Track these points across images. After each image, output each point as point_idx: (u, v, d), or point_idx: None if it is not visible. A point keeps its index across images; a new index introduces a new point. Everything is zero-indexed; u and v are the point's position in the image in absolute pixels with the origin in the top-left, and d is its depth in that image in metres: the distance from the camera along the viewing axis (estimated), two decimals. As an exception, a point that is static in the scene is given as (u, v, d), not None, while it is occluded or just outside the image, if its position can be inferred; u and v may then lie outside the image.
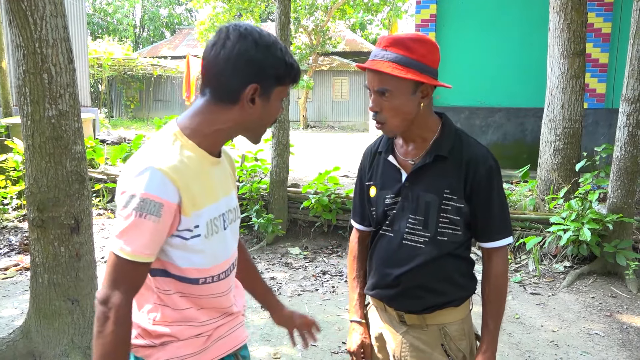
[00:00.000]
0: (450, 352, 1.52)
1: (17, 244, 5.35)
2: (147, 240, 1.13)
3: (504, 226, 1.52)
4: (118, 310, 1.13)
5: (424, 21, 9.60)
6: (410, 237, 1.50)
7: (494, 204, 1.49)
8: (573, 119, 5.99)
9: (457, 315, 1.54)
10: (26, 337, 2.96)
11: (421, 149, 1.52)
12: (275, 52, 1.19)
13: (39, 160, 2.79)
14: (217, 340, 1.34)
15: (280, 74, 1.21)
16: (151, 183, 1.12)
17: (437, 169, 1.48)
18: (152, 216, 1.11)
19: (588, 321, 3.79)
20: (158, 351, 1.26)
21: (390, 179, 1.54)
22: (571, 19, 5.88)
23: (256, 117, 1.24)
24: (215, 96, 1.21)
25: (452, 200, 1.47)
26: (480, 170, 1.47)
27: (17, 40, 2.67)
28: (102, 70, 20.35)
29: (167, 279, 1.24)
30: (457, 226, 1.49)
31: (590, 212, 4.66)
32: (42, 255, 2.90)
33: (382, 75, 1.40)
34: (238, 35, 1.18)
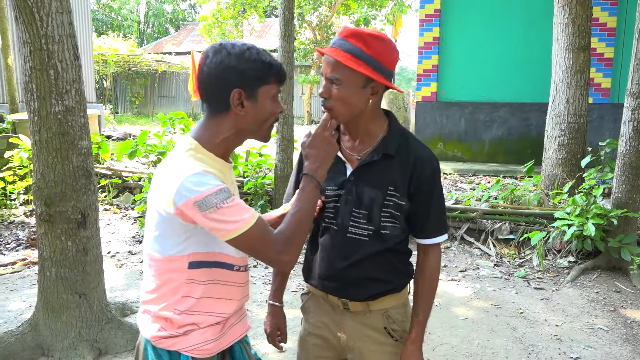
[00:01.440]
0: (394, 334, 1.59)
1: (24, 238, 5.40)
2: (244, 208, 1.28)
3: (441, 224, 1.58)
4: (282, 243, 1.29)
5: (428, 16, 9.58)
6: (354, 230, 1.53)
7: (434, 203, 1.55)
8: (578, 114, 5.97)
9: (398, 299, 1.61)
10: (34, 330, 3.00)
11: (368, 145, 1.55)
12: (249, 56, 1.31)
13: (46, 156, 2.83)
14: (230, 327, 1.45)
15: (260, 74, 1.33)
16: (207, 181, 1.25)
17: (383, 166, 1.51)
18: (228, 200, 1.25)
19: (592, 316, 3.79)
20: (181, 340, 1.36)
21: (333, 172, 1.52)
22: (576, 13, 5.86)
23: (250, 119, 1.36)
24: (211, 109, 1.36)
25: (394, 197, 1.51)
26: (425, 171, 1.51)
27: (24, 37, 2.70)
28: (107, 66, 20.42)
29: (205, 270, 1.35)
30: (397, 220, 1.53)
31: (594, 207, 4.66)
32: (50, 249, 2.93)
33: (336, 64, 1.43)
34: (214, 51, 1.32)
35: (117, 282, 4.32)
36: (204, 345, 1.38)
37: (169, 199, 1.27)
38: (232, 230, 1.25)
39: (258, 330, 3.41)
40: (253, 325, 3.49)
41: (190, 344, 1.37)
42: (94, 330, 3.03)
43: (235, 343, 1.48)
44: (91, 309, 3.04)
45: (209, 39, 21.52)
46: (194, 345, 1.37)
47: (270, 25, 27.22)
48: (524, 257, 5.02)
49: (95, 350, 3.02)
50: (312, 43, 20.94)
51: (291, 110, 5.55)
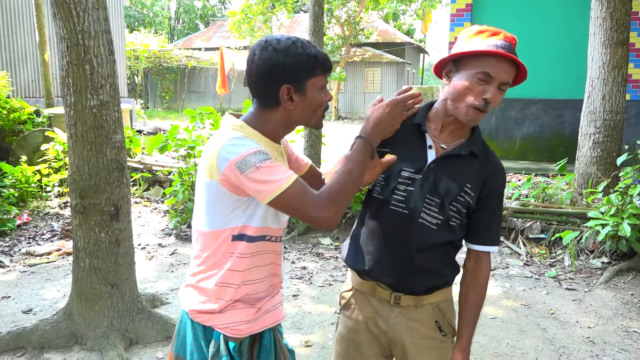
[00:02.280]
0: (444, 328, 1.59)
1: (59, 229, 5.55)
2: (284, 167, 1.31)
3: (498, 235, 1.61)
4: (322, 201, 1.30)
5: (459, 11, 9.43)
6: (425, 217, 1.50)
7: (497, 214, 1.58)
8: (614, 110, 5.80)
9: (448, 293, 1.62)
10: (68, 318, 3.09)
11: (454, 138, 1.54)
12: (295, 51, 1.34)
13: (81, 149, 2.89)
14: (265, 313, 1.48)
15: (306, 67, 1.35)
16: (245, 144, 1.30)
17: (466, 162, 1.52)
18: (267, 160, 1.28)
19: (626, 318, 3.69)
20: (216, 317, 1.41)
21: (414, 154, 1.52)
22: (614, 7, 5.68)
23: (300, 111, 1.40)
24: (261, 103, 1.40)
25: (467, 195, 1.51)
26: (499, 180, 1.55)
27: (61, 33, 2.76)
28: (138, 62, 20.79)
29: (244, 243, 1.39)
30: (461, 216, 1.53)
31: (630, 206, 4.52)
32: (84, 240, 3.01)
33: (512, 70, 1.43)
34: (260, 48, 1.35)
35: (147, 274, 4.41)
36: (237, 325, 1.41)
37: (213, 166, 1.32)
38: (272, 190, 1.26)
39: (284, 325, 3.44)
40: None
41: (224, 321, 1.40)
42: (125, 320, 3.10)
43: (266, 330, 1.49)
44: (123, 299, 3.10)
45: (238, 34, 21.69)
46: (228, 323, 1.40)
47: (299, 20, 27.24)
48: (555, 257, 4.91)
49: (127, 339, 3.08)
50: (341, 38, 20.87)
51: (319, 106, 5.54)
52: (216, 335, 1.41)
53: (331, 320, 3.54)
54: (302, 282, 4.26)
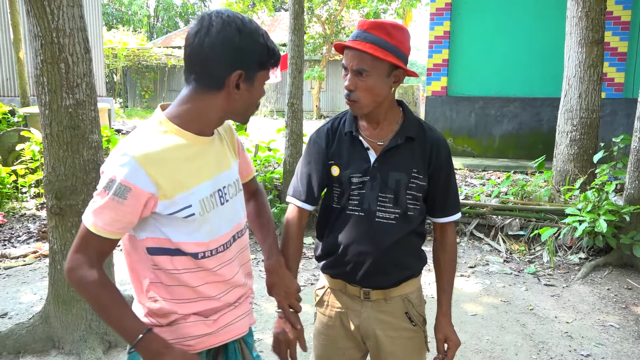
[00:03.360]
0: (414, 318, 1.65)
1: (35, 231, 5.44)
2: (111, 218, 1.20)
3: (457, 202, 1.68)
4: (79, 269, 1.21)
5: (439, 10, 9.50)
6: (381, 215, 1.57)
7: (452, 183, 1.65)
8: (590, 109, 5.90)
9: (416, 284, 1.69)
10: (45, 322, 3.03)
11: (388, 131, 1.60)
12: (258, 38, 1.24)
13: (57, 149, 2.84)
14: (223, 327, 1.38)
15: (264, 59, 1.26)
16: (124, 168, 1.17)
17: (406, 149, 1.58)
18: (117, 198, 1.18)
19: (603, 313, 3.76)
20: (165, 331, 1.30)
21: (356, 159, 1.58)
22: (589, 6, 5.78)
23: (242, 102, 1.29)
24: (201, 83, 1.25)
25: (417, 179, 1.58)
26: (442, 152, 1.61)
27: (35, 30, 2.70)
28: (116, 60, 20.49)
29: (165, 257, 1.27)
30: (418, 201, 1.60)
31: (606, 203, 4.61)
32: (60, 242, 2.95)
33: (363, 56, 1.46)
34: (222, 22, 1.20)
35: (127, 275, 4.33)
36: (187, 341, 1.32)
37: None
38: (84, 215, 1.23)
39: (267, 325, 3.42)
40: (261, 319, 3.50)
41: (174, 336, 1.31)
42: (104, 323, 3.05)
43: (231, 342, 1.42)
44: (101, 301, 3.05)
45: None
46: (178, 338, 1.31)
47: (280, 19, 27.17)
48: (534, 254, 4.98)
49: (105, 342, 3.04)
50: (322, 37, 20.87)
51: (301, 105, 5.53)
52: None
53: (312, 319, 3.50)
54: (284, 281, 4.24)
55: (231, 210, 1.38)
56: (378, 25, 1.47)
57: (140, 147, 1.20)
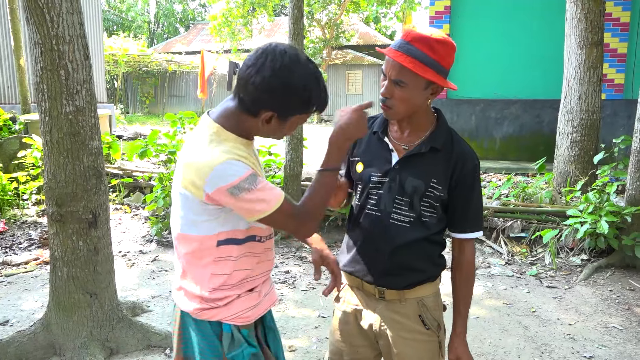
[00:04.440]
0: (427, 322, 1.65)
1: (36, 238, 5.45)
2: (272, 188, 1.37)
3: (478, 220, 1.65)
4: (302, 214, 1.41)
5: (438, 13, 9.52)
6: (396, 217, 1.60)
7: (474, 199, 1.63)
8: (590, 110, 5.90)
9: (432, 289, 1.68)
10: (46, 329, 3.02)
11: (416, 137, 1.62)
12: (306, 84, 1.35)
13: (57, 156, 2.84)
14: (265, 296, 1.55)
15: (302, 105, 1.38)
16: (234, 170, 1.32)
17: (429, 158, 1.59)
18: (256, 183, 1.33)
19: (605, 314, 3.75)
20: (222, 310, 1.45)
21: (379, 159, 1.63)
22: (588, 8, 5.78)
23: (270, 132, 1.44)
24: (241, 105, 1.38)
25: (435, 190, 1.58)
26: (467, 166, 1.59)
27: (35, 38, 2.71)
28: (117, 66, 20.55)
29: (232, 246, 1.42)
30: (435, 210, 1.61)
31: (608, 204, 4.60)
32: (61, 249, 2.95)
33: (402, 68, 1.47)
34: (271, 68, 1.31)
35: (128, 281, 4.34)
36: (246, 313, 1.47)
37: (197, 186, 1.34)
38: (262, 210, 1.34)
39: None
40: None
41: (231, 312, 1.45)
42: (105, 329, 3.05)
43: (267, 312, 1.59)
44: (102, 308, 3.05)
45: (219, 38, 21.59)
46: (236, 313, 1.45)
47: (280, 24, 27.23)
48: (536, 256, 4.97)
49: (107, 349, 3.03)
50: (322, 41, 20.92)
51: (300, 109, 5.52)
52: (226, 328, 1.44)
53: (315, 324, 3.53)
54: (286, 286, 4.24)
55: None
56: (423, 39, 1.48)
57: (224, 153, 1.34)
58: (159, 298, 3.98)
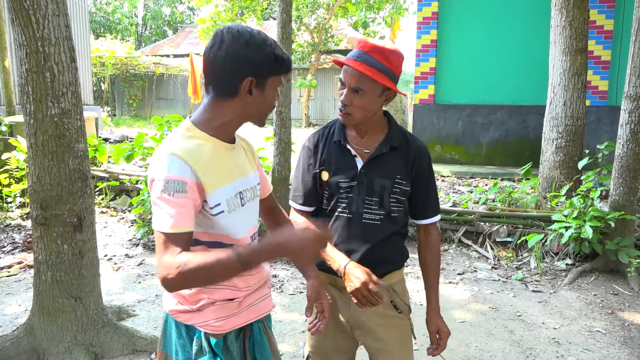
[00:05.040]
0: (399, 306, 1.79)
1: (20, 242, 5.37)
2: (181, 213, 1.28)
3: (437, 205, 1.84)
4: (175, 266, 1.21)
5: (425, 19, 9.59)
6: (368, 216, 1.73)
7: (432, 187, 1.81)
8: (575, 116, 5.98)
9: (399, 275, 1.84)
10: (30, 334, 2.98)
11: (374, 140, 1.76)
12: (265, 48, 1.36)
13: (42, 159, 2.81)
14: (248, 307, 1.50)
15: (272, 66, 1.38)
16: (170, 166, 1.29)
17: (391, 157, 1.73)
18: (178, 193, 1.28)
19: (590, 318, 3.79)
20: (195, 315, 1.43)
21: (344, 165, 1.74)
22: (573, 16, 5.87)
23: (255, 106, 1.41)
24: (218, 92, 1.39)
25: (401, 185, 1.73)
26: (424, 160, 1.77)
27: (20, 39, 2.68)
28: (104, 68, 20.39)
29: (201, 247, 1.39)
30: (402, 204, 1.76)
31: (592, 209, 4.66)
32: (45, 252, 2.91)
33: (361, 76, 1.61)
34: (231, 37, 1.34)
35: (114, 285, 4.30)
36: (217, 322, 1.43)
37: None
38: (155, 222, 1.29)
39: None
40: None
41: (203, 319, 1.43)
42: (90, 334, 3.01)
43: (255, 322, 1.54)
44: (87, 312, 3.02)
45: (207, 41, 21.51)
46: (206, 321, 1.42)
47: (269, 28, 27.23)
48: (522, 260, 5.01)
49: (91, 354, 3.00)
50: (310, 45, 20.95)
51: (289, 113, 5.53)
52: (197, 334, 1.44)
53: (302, 328, 3.52)
54: (273, 290, 4.23)
55: (249, 212, 1.51)
56: (377, 49, 1.62)
57: (176, 146, 1.32)
58: (145, 302, 3.94)
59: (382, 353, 1.77)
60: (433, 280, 1.83)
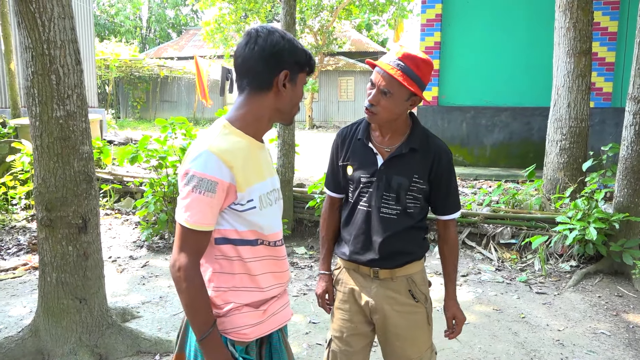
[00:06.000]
0: (416, 296, 1.91)
1: (25, 243, 5.40)
2: (205, 212, 1.35)
3: (457, 202, 1.95)
4: (186, 270, 1.34)
5: (429, 21, 9.59)
6: (385, 210, 1.85)
7: (452, 186, 1.91)
8: (579, 118, 5.97)
9: (419, 266, 1.95)
10: (35, 335, 3.00)
11: (396, 140, 1.87)
12: (297, 44, 1.45)
13: (47, 161, 2.83)
14: (271, 316, 1.52)
15: (303, 62, 1.45)
16: (207, 164, 1.33)
17: (409, 157, 1.84)
18: (208, 192, 1.33)
19: (594, 320, 3.78)
20: (222, 321, 1.44)
21: (366, 162, 1.88)
22: (577, 17, 5.86)
23: (288, 100, 1.47)
24: (253, 86, 1.44)
25: (418, 184, 1.84)
26: (443, 160, 1.86)
27: (26, 42, 2.70)
28: (109, 71, 20.46)
29: (230, 246, 1.43)
30: (418, 201, 1.87)
31: (596, 211, 4.65)
32: (51, 254, 2.93)
33: (392, 80, 1.72)
34: (267, 32, 1.41)
35: (118, 287, 4.31)
36: (243, 330, 1.44)
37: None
38: (180, 217, 1.36)
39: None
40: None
41: (229, 326, 1.44)
42: (94, 335, 3.03)
43: (275, 332, 1.55)
44: (92, 314, 3.03)
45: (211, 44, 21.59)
46: (234, 328, 1.44)
47: (272, 30, 27.25)
48: (526, 262, 5.00)
49: (96, 355, 3.01)
50: (314, 48, 20.98)
51: (292, 115, 5.54)
52: (223, 340, 1.42)
53: (305, 330, 3.52)
54: (277, 292, 4.23)
55: (280, 210, 1.57)
56: (410, 57, 1.73)
57: (215, 144, 1.37)
58: (149, 304, 3.96)
59: (397, 337, 1.90)
60: (451, 270, 1.97)
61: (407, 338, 1.90)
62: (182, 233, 1.36)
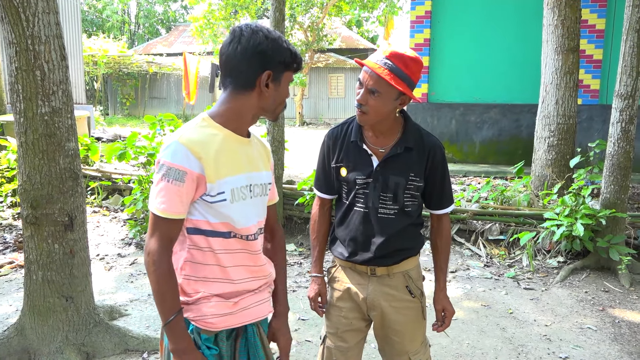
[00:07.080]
0: (413, 291, 1.92)
1: (11, 241, 5.34)
2: (174, 201, 1.37)
3: (451, 196, 1.96)
4: (154, 255, 1.37)
5: (419, 18, 9.60)
6: (383, 211, 1.85)
7: (446, 180, 1.91)
8: (567, 115, 6.01)
9: (415, 262, 1.96)
10: (20, 334, 2.96)
11: (389, 139, 1.85)
12: (282, 44, 1.43)
13: (32, 157, 2.79)
14: (243, 309, 1.51)
15: (287, 61, 1.45)
16: (175, 154, 1.36)
17: (405, 156, 1.83)
18: (176, 181, 1.36)
19: (581, 315, 3.81)
20: (191, 308, 1.45)
21: (361, 163, 1.85)
22: (565, 15, 5.90)
23: (271, 100, 1.47)
24: (236, 85, 1.44)
25: (414, 182, 1.84)
26: (437, 155, 1.86)
27: (10, 37, 2.66)
28: (97, 67, 20.29)
29: (201, 236, 1.44)
30: (415, 198, 1.88)
31: (583, 207, 4.69)
32: (36, 252, 2.90)
33: (379, 79, 1.69)
34: (250, 31, 1.41)
35: (106, 285, 4.28)
36: (209, 319, 1.45)
37: None
38: (150, 204, 1.40)
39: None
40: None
41: (198, 314, 1.45)
42: (81, 334, 3.00)
43: (249, 325, 1.55)
44: (78, 312, 3.00)
45: (201, 40, 21.47)
46: (201, 316, 1.44)
47: (262, 26, 27.15)
48: (514, 258, 5.04)
49: (83, 354, 2.98)
50: (304, 44, 20.93)
51: (282, 112, 5.52)
52: (190, 327, 1.45)
53: (294, 327, 3.52)
54: (266, 289, 4.22)
55: (257, 206, 1.55)
56: (399, 56, 1.71)
57: (186, 135, 1.39)
58: (137, 301, 3.93)
59: (396, 333, 1.91)
60: (442, 263, 1.98)
61: (406, 333, 1.92)
62: (153, 220, 1.39)
